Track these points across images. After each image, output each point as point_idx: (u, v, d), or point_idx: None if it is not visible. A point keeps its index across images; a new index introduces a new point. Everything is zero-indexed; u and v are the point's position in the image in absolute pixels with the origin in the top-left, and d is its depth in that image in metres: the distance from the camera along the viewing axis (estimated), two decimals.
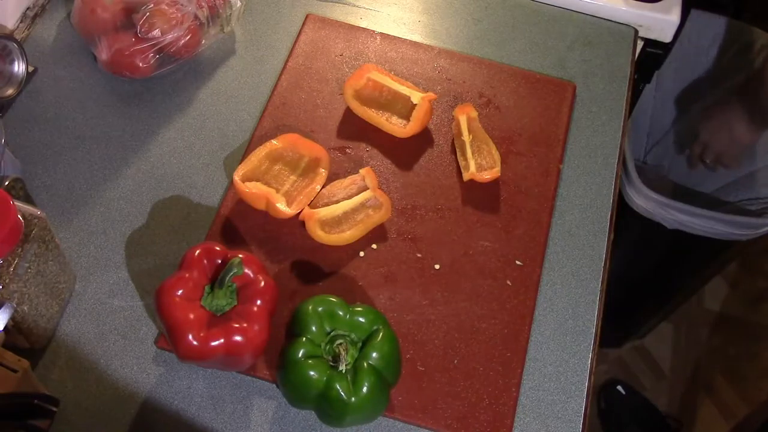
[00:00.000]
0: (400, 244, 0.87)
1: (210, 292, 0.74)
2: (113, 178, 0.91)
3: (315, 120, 0.97)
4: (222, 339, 0.71)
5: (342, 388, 0.70)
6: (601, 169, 0.97)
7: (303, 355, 0.71)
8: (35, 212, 0.72)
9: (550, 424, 0.78)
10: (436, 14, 1.10)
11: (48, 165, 0.91)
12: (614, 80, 1.05)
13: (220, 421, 0.76)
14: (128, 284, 0.84)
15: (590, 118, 1.01)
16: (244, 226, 0.87)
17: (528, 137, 0.97)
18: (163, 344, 0.80)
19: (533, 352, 0.83)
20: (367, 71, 0.96)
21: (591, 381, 0.82)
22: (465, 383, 0.79)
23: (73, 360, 0.79)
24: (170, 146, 0.94)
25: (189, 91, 0.99)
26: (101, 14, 0.94)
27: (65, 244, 0.85)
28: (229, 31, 1.03)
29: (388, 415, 0.77)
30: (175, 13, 0.94)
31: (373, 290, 0.84)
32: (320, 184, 0.89)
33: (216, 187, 0.91)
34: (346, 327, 0.74)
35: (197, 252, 0.75)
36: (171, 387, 0.78)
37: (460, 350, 0.81)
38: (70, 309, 0.82)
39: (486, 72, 1.02)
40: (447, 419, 0.77)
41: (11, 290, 0.70)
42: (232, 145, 0.95)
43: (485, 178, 0.91)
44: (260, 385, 0.79)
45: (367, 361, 0.72)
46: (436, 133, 0.97)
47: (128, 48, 0.94)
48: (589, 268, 0.89)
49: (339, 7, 1.09)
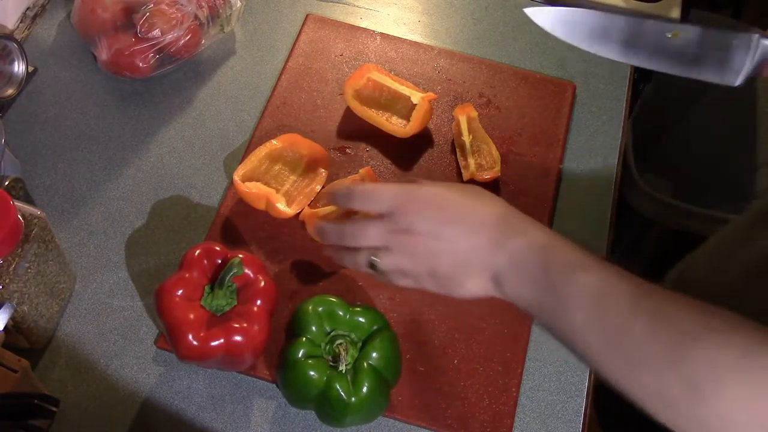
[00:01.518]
0: None
1: (210, 292, 0.74)
2: (113, 178, 0.91)
3: (315, 120, 0.97)
4: (222, 339, 0.71)
5: (342, 388, 0.70)
6: (601, 169, 0.97)
7: (303, 355, 0.71)
8: (35, 212, 0.72)
9: (550, 424, 0.78)
10: (436, 14, 1.10)
11: (48, 165, 0.91)
12: (614, 80, 1.05)
13: (220, 421, 0.76)
14: (128, 284, 0.84)
15: (590, 118, 1.01)
16: (244, 226, 0.87)
17: (528, 137, 0.97)
18: (163, 344, 0.79)
19: (533, 352, 0.82)
20: (367, 71, 0.96)
21: (591, 381, 0.82)
22: (465, 383, 0.79)
23: (73, 360, 0.79)
24: (170, 146, 0.94)
25: (189, 91, 0.99)
26: (101, 14, 0.94)
27: (65, 244, 0.85)
28: (229, 31, 1.03)
29: (388, 415, 0.77)
30: (175, 13, 0.94)
31: (373, 290, 0.84)
32: (320, 184, 0.89)
33: (216, 187, 0.91)
34: (346, 327, 0.74)
35: (197, 252, 0.75)
36: (171, 387, 0.78)
37: (460, 350, 0.81)
38: (70, 309, 0.82)
39: (486, 72, 1.02)
40: (447, 419, 0.77)
41: (11, 290, 0.70)
42: (232, 145, 0.95)
43: (485, 178, 0.91)
44: (260, 385, 0.79)
45: (367, 361, 0.72)
46: (436, 133, 0.97)
47: (128, 48, 0.94)
48: None
49: (339, 7, 1.09)
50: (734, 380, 0.49)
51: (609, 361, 0.55)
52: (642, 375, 0.53)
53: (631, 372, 0.54)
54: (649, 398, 0.53)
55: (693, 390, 0.50)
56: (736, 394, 0.48)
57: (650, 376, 0.52)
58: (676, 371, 0.51)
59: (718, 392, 0.49)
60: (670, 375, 0.51)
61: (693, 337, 0.51)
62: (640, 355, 0.53)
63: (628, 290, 0.55)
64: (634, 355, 0.53)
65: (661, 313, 0.53)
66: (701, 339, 0.51)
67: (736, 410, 0.48)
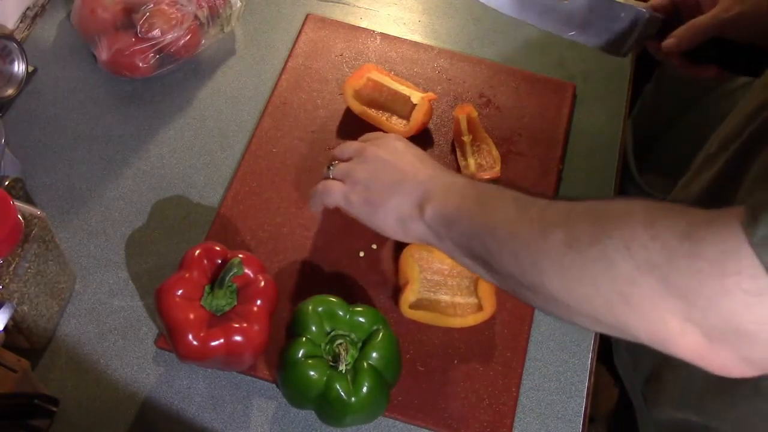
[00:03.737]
0: (400, 244, 0.87)
1: (210, 292, 0.74)
2: (113, 178, 0.91)
3: (315, 120, 0.97)
4: (222, 339, 0.71)
5: (342, 388, 0.70)
6: (601, 169, 0.97)
7: (303, 355, 0.71)
8: (35, 212, 0.72)
9: (550, 424, 0.78)
10: (436, 14, 1.10)
11: (48, 165, 0.91)
12: (614, 80, 1.04)
13: (220, 421, 0.76)
14: (128, 284, 0.84)
15: (590, 118, 1.01)
16: (244, 226, 0.87)
17: (528, 137, 0.97)
18: (163, 344, 0.79)
19: (533, 352, 0.82)
20: (367, 71, 0.96)
21: (591, 381, 0.82)
22: (465, 383, 0.79)
23: (73, 360, 0.79)
24: (170, 146, 0.94)
25: (189, 91, 0.99)
26: (101, 14, 0.94)
27: (65, 244, 0.85)
28: (229, 31, 1.03)
29: (388, 415, 0.77)
30: (175, 13, 0.94)
31: (373, 290, 0.84)
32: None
33: (216, 187, 0.91)
34: (346, 327, 0.74)
35: (197, 252, 0.75)
36: (171, 387, 0.78)
37: (460, 350, 0.81)
38: (70, 309, 0.82)
39: (486, 72, 1.02)
40: (447, 419, 0.77)
41: (11, 290, 0.70)
42: (232, 145, 0.95)
43: (485, 178, 0.91)
44: (260, 385, 0.79)
45: (367, 361, 0.72)
46: (436, 133, 0.97)
47: (128, 48, 0.94)
48: None
49: (339, 7, 1.09)
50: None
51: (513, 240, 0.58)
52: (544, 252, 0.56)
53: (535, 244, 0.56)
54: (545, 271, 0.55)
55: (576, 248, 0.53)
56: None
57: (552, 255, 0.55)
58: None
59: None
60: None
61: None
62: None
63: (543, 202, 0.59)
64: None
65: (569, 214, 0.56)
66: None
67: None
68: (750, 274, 0.44)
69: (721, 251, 0.45)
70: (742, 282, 0.45)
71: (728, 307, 0.46)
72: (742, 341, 0.47)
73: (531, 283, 0.57)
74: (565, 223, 0.54)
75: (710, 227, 0.46)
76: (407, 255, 0.82)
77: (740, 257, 0.45)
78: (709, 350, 0.48)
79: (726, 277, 0.45)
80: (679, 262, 0.47)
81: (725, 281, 0.45)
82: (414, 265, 0.81)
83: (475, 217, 0.62)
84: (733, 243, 0.45)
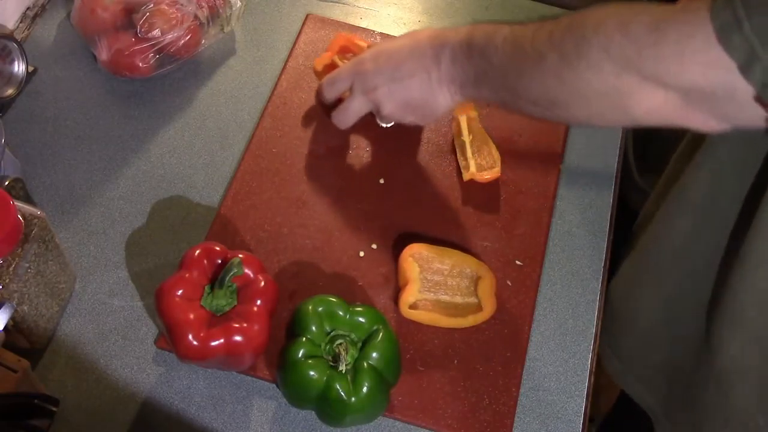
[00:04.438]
0: (400, 244, 0.87)
1: (210, 292, 0.74)
2: (113, 178, 0.91)
3: (315, 120, 0.96)
4: (222, 339, 0.71)
5: (342, 388, 0.70)
6: (601, 169, 0.97)
7: (303, 355, 0.71)
8: (35, 212, 0.72)
9: (550, 424, 0.78)
10: (436, 14, 1.10)
11: (48, 165, 0.91)
12: None
13: (220, 421, 0.76)
14: (128, 284, 0.84)
15: None
16: (244, 226, 0.87)
17: (528, 137, 0.97)
18: (163, 344, 0.79)
19: (533, 352, 0.83)
20: (337, 43, 0.97)
21: (591, 381, 0.82)
22: (465, 383, 0.79)
23: (73, 360, 0.79)
24: (170, 146, 0.94)
25: (189, 91, 0.99)
26: (101, 14, 0.94)
27: (65, 244, 0.85)
28: (229, 31, 1.03)
29: (388, 415, 0.77)
30: (175, 13, 0.94)
31: (373, 290, 0.84)
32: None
33: (216, 187, 0.91)
34: (346, 327, 0.74)
35: (197, 252, 0.75)
36: (171, 387, 0.78)
37: (460, 350, 0.81)
38: (70, 309, 0.82)
39: None
40: (447, 419, 0.77)
41: (11, 290, 0.70)
42: (232, 145, 0.95)
43: (485, 178, 0.91)
44: (260, 385, 0.79)
45: (367, 361, 0.72)
46: (436, 133, 0.97)
47: (128, 48, 0.94)
48: (589, 268, 0.89)
49: (339, 7, 1.09)
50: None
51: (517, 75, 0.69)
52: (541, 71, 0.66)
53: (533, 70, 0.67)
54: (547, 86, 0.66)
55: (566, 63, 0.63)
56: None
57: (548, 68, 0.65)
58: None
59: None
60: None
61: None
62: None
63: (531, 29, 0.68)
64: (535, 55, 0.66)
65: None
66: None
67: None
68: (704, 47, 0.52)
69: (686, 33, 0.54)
70: (697, 56, 0.53)
71: (691, 78, 0.55)
72: (712, 103, 0.56)
73: (537, 98, 0.68)
74: (555, 47, 0.63)
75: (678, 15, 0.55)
76: (407, 255, 0.82)
77: (701, 33, 0.52)
78: (688, 111, 0.58)
79: (686, 54, 0.54)
80: (648, 50, 0.56)
81: (686, 58, 0.54)
82: (414, 265, 0.81)
83: (481, 65, 0.72)
84: (697, 23, 0.52)
